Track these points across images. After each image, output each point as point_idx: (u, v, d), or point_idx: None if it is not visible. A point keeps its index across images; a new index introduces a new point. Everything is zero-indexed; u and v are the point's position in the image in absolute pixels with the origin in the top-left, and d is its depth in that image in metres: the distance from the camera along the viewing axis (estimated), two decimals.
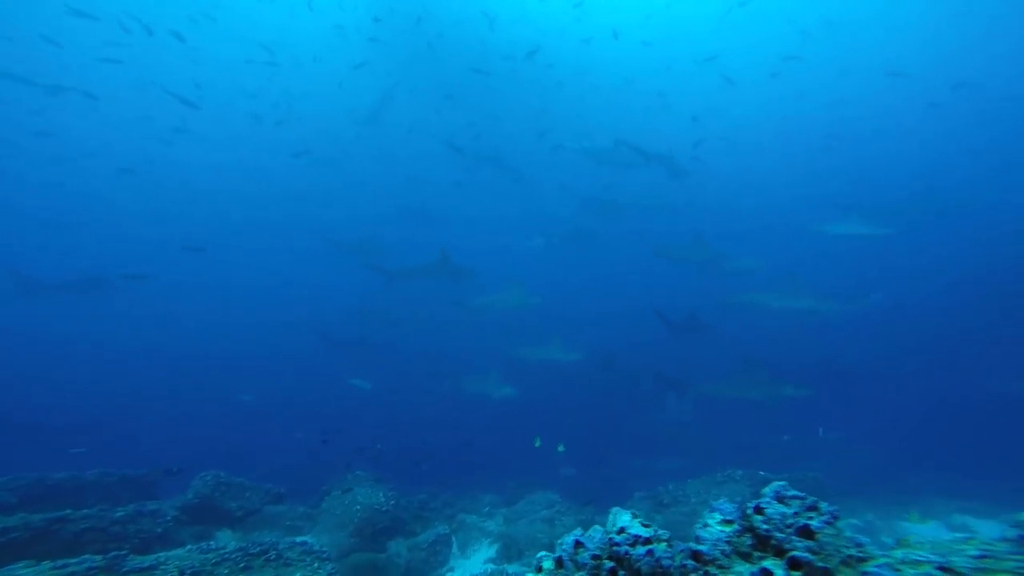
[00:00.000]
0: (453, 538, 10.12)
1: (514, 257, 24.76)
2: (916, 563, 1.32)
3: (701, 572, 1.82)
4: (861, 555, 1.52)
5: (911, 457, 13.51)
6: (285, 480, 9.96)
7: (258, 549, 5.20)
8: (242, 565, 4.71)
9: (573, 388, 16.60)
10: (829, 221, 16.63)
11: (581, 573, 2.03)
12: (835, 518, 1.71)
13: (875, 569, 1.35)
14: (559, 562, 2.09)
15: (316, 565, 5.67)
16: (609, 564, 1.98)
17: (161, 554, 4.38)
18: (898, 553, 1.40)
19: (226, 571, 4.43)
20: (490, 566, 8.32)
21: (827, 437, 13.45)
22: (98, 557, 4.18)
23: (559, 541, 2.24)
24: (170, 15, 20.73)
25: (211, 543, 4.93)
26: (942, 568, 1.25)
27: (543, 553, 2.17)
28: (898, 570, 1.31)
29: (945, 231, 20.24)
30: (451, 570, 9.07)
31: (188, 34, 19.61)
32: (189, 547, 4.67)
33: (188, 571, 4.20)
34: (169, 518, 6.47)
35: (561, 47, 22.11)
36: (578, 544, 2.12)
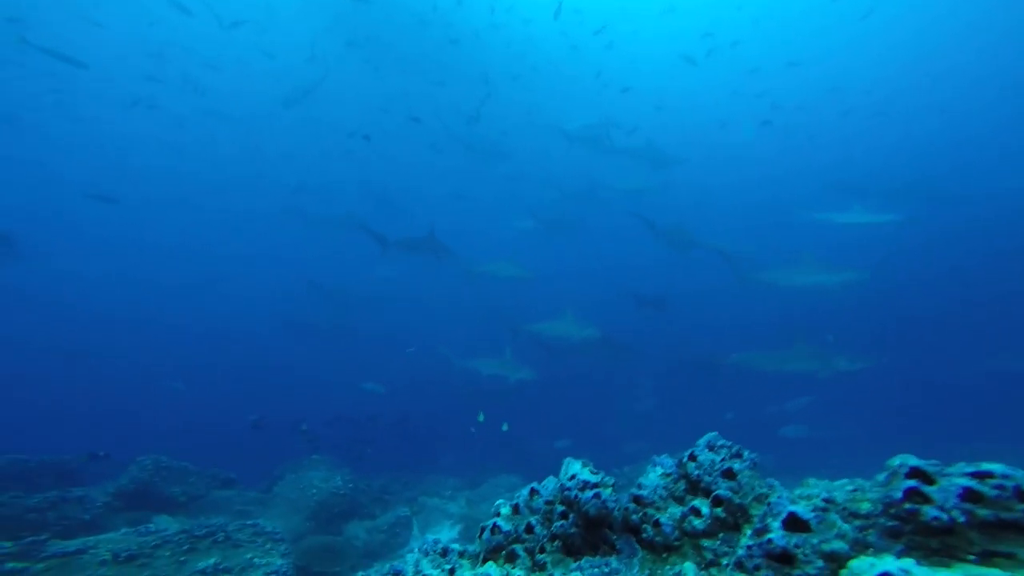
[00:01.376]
0: (414, 520, 10.06)
1: (503, 239, 24.02)
2: (808, 496, 1.62)
3: (641, 513, 2.02)
4: (769, 493, 1.82)
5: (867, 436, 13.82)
6: (234, 467, 9.44)
7: (204, 531, 4.88)
8: (186, 547, 4.38)
9: (579, 365, 15.79)
10: (830, 209, 15.70)
11: (536, 516, 2.17)
12: (755, 464, 1.96)
13: (775, 499, 1.64)
14: (515, 508, 2.23)
15: (269, 546, 5.42)
16: (560, 508, 2.13)
17: (90, 538, 3.95)
18: (797, 491, 1.71)
19: (167, 554, 4.09)
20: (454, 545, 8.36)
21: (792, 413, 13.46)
22: (8, 543, 3.70)
23: (516, 493, 2.31)
24: None
25: (150, 526, 4.55)
26: (826, 500, 1.57)
27: (500, 500, 2.26)
28: (794, 501, 1.60)
29: (946, 217, 19.67)
30: (411, 551, 9.01)
31: None
32: (124, 530, 4.27)
33: (123, 554, 3.82)
34: (99, 504, 5.90)
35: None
36: (533, 492, 2.26)
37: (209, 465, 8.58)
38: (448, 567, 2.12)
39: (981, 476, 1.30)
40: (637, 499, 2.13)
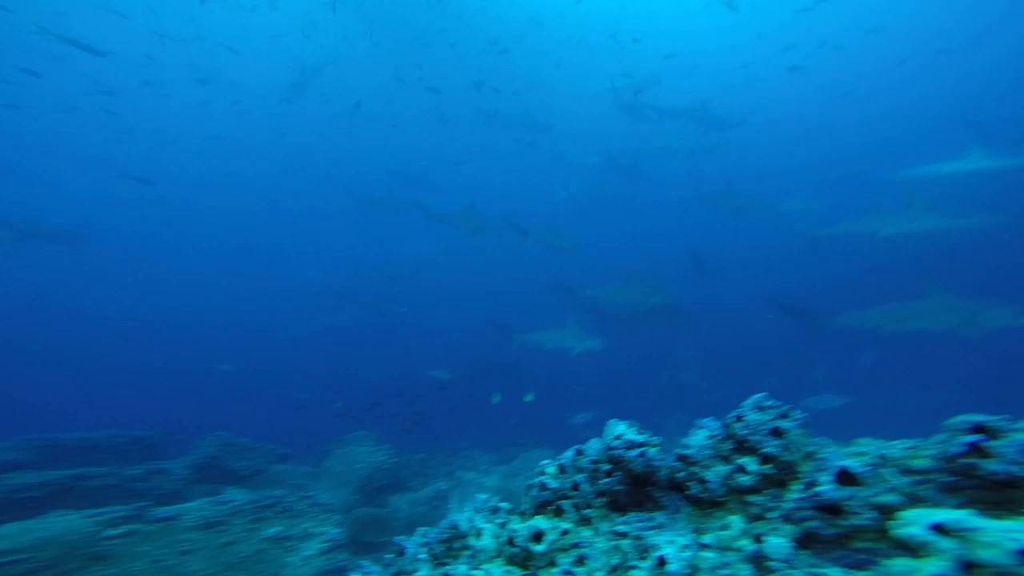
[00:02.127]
0: (452, 493, 10.56)
1: (545, 209, 23.27)
2: (861, 454, 1.62)
3: (687, 471, 2.06)
4: (818, 451, 1.79)
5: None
6: (287, 442, 10.17)
7: (269, 502, 5.37)
8: (254, 517, 4.88)
9: (639, 335, 14.85)
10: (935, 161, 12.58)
11: (582, 475, 2.24)
12: (805, 423, 1.94)
13: (825, 455, 1.62)
14: (561, 468, 2.30)
15: (323, 517, 5.89)
16: (606, 467, 2.20)
17: (180, 506, 4.54)
18: (849, 448, 1.72)
19: (240, 522, 4.60)
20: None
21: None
22: (125, 507, 4.36)
23: (560, 456, 2.39)
24: None
25: (223, 497, 5.09)
26: (880, 456, 1.56)
27: (546, 461, 2.36)
28: (846, 457, 1.58)
29: None
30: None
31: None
32: (203, 500, 4.82)
33: (206, 521, 4.35)
34: (180, 476, 6.62)
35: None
36: (579, 452, 2.32)
37: (265, 441, 9.29)
38: (500, 521, 2.27)
39: None
40: (683, 458, 2.16)
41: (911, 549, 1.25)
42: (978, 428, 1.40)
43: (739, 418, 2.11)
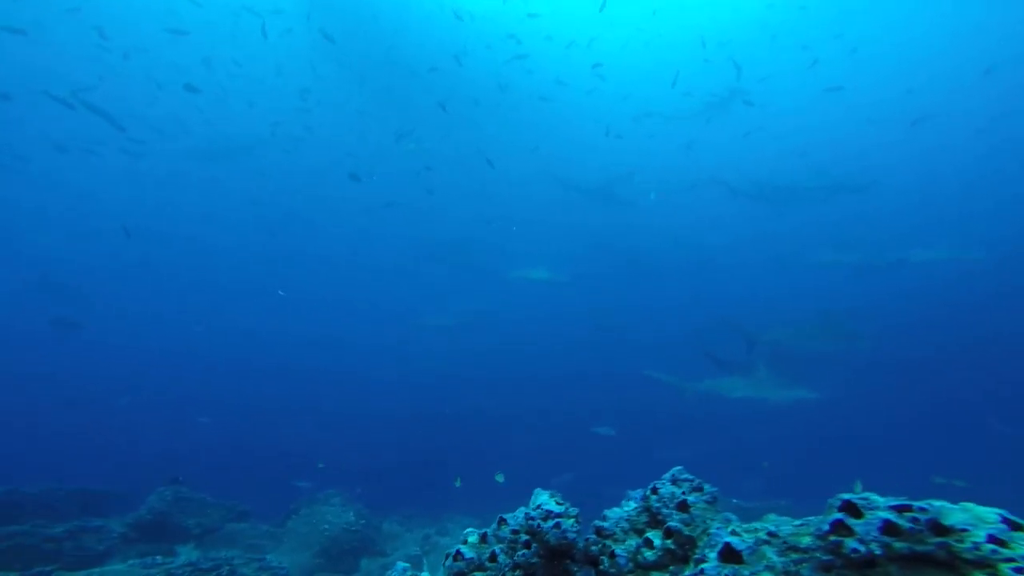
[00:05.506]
0: (425, 560, 9.82)
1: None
2: (754, 530, 1.60)
3: (600, 544, 2.03)
4: (717, 525, 1.79)
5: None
6: (252, 499, 9.57)
7: (210, 564, 4.97)
8: None
9: None
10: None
11: (501, 545, 2.19)
12: (714, 499, 1.95)
13: (714, 530, 1.64)
14: (483, 537, 2.25)
15: None
16: (524, 537, 2.16)
17: (94, 570, 4.08)
18: (750, 524, 1.69)
19: None
20: None
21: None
22: (14, 574, 3.85)
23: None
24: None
25: (156, 558, 4.68)
26: (770, 533, 1.54)
27: (470, 529, 2.30)
28: (737, 533, 1.58)
29: None
30: None
31: None
32: (131, 562, 4.41)
33: None
34: (116, 535, 6.10)
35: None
36: (502, 521, 2.29)
37: (227, 497, 8.75)
38: None
39: (901, 509, 1.29)
40: (599, 530, 2.16)
41: None
42: (845, 506, 1.40)
43: (655, 490, 2.12)
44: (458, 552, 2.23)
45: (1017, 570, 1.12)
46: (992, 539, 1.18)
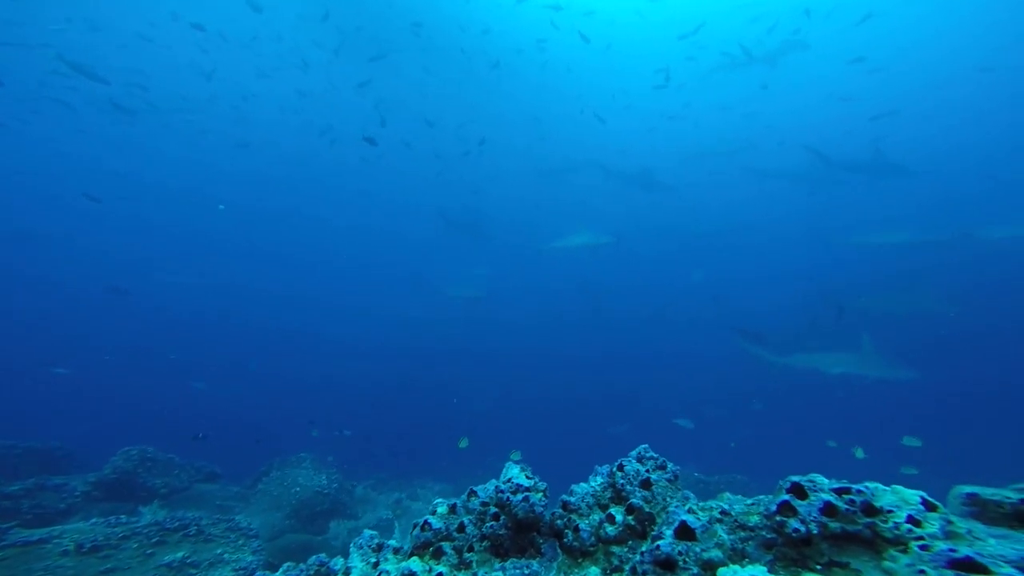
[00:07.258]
0: (396, 523, 10.11)
1: None
2: (708, 508, 1.69)
3: (566, 518, 2.10)
4: (675, 502, 1.88)
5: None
6: (223, 460, 9.50)
7: (176, 524, 4.97)
8: (155, 540, 4.47)
9: None
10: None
11: (469, 516, 2.24)
12: (676, 476, 2.05)
13: (672, 508, 1.71)
14: (452, 508, 2.30)
15: (241, 542, 5.50)
16: (493, 510, 2.21)
17: (56, 528, 4.02)
18: (705, 503, 1.78)
19: (135, 546, 4.18)
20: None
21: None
22: None
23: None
24: None
25: (121, 517, 4.64)
26: (723, 512, 1.62)
27: (439, 500, 2.35)
28: (693, 511, 1.65)
29: None
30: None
31: None
32: (94, 520, 4.37)
33: (88, 544, 3.90)
34: (78, 493, 6.00)
35: None
36: (471, 493, 2.34)
37: (200, 459, 8.66)
38: (374, 560, 2.21)
39: (841, 492, 1.39)
40: (565, 505, 2.23)
41: None
42: (792, 487, 1.50)
43: (620, 467, 2.20)
44: (426, 522, 2.29)
45: (923, 547, 1.25)
46: (910, 519, 1.31)
